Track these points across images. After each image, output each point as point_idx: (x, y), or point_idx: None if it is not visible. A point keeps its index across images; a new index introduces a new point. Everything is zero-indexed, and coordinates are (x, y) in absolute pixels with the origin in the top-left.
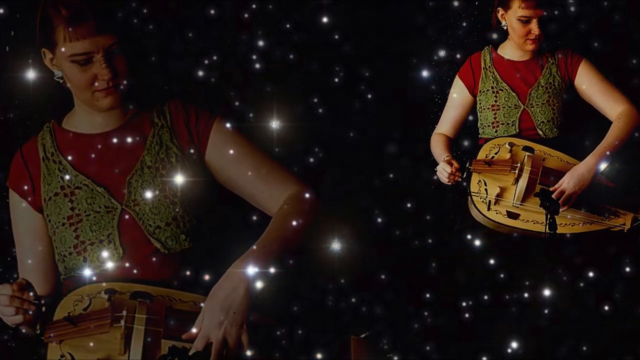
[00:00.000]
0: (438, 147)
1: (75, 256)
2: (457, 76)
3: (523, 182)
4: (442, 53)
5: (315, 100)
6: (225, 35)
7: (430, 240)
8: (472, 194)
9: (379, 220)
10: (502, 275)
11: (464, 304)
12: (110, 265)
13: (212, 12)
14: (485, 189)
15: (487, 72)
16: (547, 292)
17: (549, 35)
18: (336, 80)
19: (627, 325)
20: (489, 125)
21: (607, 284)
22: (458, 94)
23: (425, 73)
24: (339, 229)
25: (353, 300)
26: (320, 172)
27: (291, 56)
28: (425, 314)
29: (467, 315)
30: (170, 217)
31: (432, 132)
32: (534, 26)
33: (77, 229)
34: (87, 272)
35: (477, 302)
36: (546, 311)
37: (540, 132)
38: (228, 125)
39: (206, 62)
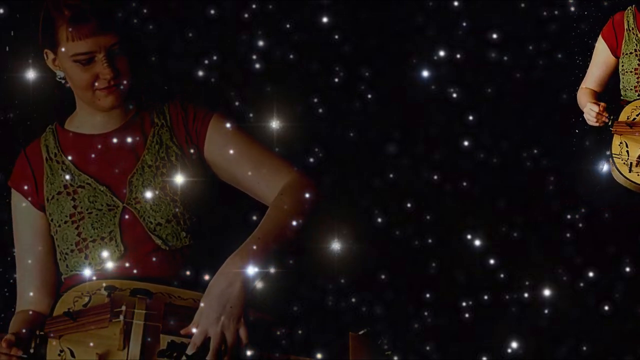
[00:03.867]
0: (584, 97)
1: (77, 254)
2: (600, 36)
3: None
4: (442, 53)
5: (315, 100)
6: (225, 35)
7: (430, 240)
8: (613, 155)
9: (379, 220)
10: (502, 275)
11: (464, 304)
12: (111, 262)
13: (212, 12)
14: (627, 151)
15: (630, 34)
16: (547, 292)
17: None
18: (336, 80)
19: (627, 325)
20: (631, 89)
21: (607, 284)
22: (601, 54)
23: (425, 73)
24: (339, 229)
25: (353, 300)
26: (320, 172)
27: (291, 56)
28: (425, 314)
29: (467, 315)
30: (170, 214)
31: (432, 132)
32: None
33: (79, 226)
34: (87, 271)
35: (477, 302)
36: (546, 311)
37: None
38: (225, 121)
39: (206, 62)
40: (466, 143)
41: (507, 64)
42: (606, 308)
